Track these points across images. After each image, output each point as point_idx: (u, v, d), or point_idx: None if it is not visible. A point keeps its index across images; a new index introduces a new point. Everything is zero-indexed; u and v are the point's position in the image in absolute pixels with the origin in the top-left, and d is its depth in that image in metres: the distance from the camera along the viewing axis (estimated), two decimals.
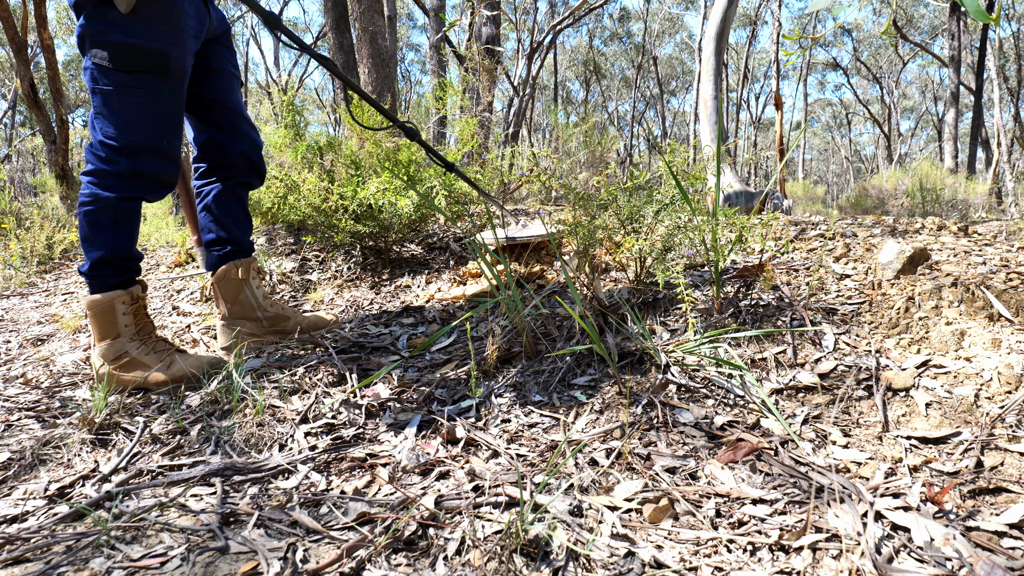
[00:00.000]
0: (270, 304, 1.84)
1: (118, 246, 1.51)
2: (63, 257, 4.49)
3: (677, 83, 30.22)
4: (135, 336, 1.56)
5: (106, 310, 1.51)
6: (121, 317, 1.53)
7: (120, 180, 1.48)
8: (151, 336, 1.60)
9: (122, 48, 1.38)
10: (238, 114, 1.72)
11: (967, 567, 0.75)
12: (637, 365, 1.37)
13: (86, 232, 1.50)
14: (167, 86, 1.46)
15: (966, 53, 16.20)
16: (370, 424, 1.27)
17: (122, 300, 1.53)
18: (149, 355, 1.55)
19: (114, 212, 1.49)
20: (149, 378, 1.53)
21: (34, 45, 14.35)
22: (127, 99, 1.43)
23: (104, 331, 1.53)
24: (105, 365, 1.52)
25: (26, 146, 17.29)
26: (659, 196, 1.64)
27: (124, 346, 1.54)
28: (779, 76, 7.60)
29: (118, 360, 1.53)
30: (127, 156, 1.46)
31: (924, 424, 1.10)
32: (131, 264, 1.56)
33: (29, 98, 6.50)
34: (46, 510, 1.01)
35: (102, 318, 1.52)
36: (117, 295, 1.52)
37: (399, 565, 0.82)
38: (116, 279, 1.53)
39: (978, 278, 1.46)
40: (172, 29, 1.43)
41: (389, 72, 4.63)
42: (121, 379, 1.53)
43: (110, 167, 1.47)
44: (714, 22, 5.18)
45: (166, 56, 1.42)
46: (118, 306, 1.52)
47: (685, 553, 0.82)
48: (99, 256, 1.50)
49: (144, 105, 1.44)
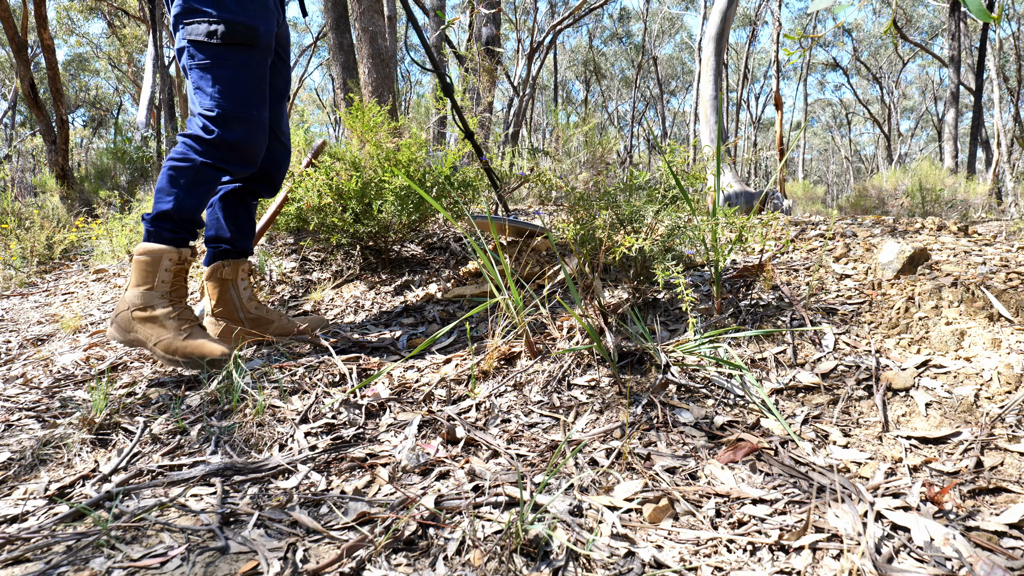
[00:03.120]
0: (255, 306, 1.86)
1: (185, 206, 1.59)
2: (63, 257, 4.49)
3: (677, 83, 30.21)
4: (166, 295, 1.61)
5: (152, 259, 1.58)
6: (162, 272, 1.59)
7: (211, 148, 1.57)
8: (181, 302, 1.65)
9: (217, 23, 1.52)
10: (274, 129, 1.81)
11: (967, 567, 0.75)
12: (637, 365, 1.37)
13: (163, 184, 1.59)
14: (255, 58, 1.58)
15: (966, 53, 16.20)
16: (370, 424, 1.27)
17: (169, 256, 1.59)
18: (170, 320, 1.59)
19: (196, 175, 1.58)
20: (160, 342, 1.56)
21: (34, 45, 14.34)
22: (220, 71, 1.55)
23: (142, 278, 1.58)
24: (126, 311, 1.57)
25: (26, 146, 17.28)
26: (659, 196, 1.64)
27: (153, 299, 1.59)
28: (779, 76, 7.60)
29: (143, 310, 1.58)
30: (220, 126, 1.56)
31: (924, 424, 1.10)
32: (190, 227, 1.63)
33: (29, 98, 6.49)
34: (46, 510, 1.01)
35: (145, 266, 1.58)
36: (167, 250, 1.59)
37: (399, 565, 0.82)
38: (172, 235, 1.60)
39: (978, 278, 1.46)
40: (259, 7, 1.57)
41: (389, 72, 4.62)
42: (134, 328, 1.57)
43: (205, 135, 1.57)
44: (714, 22, 5.18)
45: (255, 29, 1.55)
46: (164, 260, 1.59)
47: (685, 553, 0.82)
48: (165, 209, 1.58)
49: (235, 76, 1.56)
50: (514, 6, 12.33)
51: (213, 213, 1.82)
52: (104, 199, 6.61)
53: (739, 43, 25.45)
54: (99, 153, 8.93)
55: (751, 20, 21.49)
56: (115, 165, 7.97)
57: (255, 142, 1.62)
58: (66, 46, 22.42)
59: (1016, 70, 18.23)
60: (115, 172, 7.92)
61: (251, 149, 1.62)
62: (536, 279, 1.89)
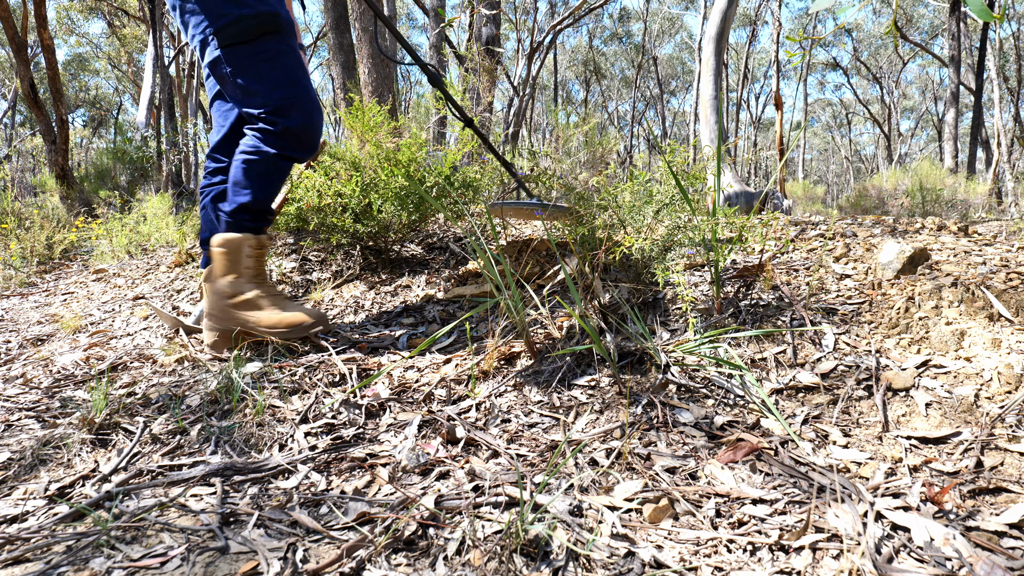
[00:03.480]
0: None
1: (261, 196, 1.65)
2: (63, 257, 4.49)
3: (677, 83, 30.21)
4: (252, 279, 1.67)
5: (234, 248, 1.64)
6: (245, 258, 1.65)
7: (278, 138, 1.62)
8: (265, 281, 1.71)
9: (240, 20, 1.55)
10: None
11: (967, 567, 0.75)
12: (637, 365, 1.37)
13: (238, 178, 1.64)
14: (285, 42, 1.62)
15: (966, 53, 16.20)
16: (370, 424, 1.27)
17: (249, 243, 1.66)
18: (262, 299, 1.65)
19: (269, 166, 1.63)
20: (261, 319, 1.62)
21: (34, 45, 14.34)
22: (260, 66, 1.59)
23: (227, 267, 1.64)
24: (219, 301, 1.63)
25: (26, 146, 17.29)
26: (659, 196, 1.64)
27: (242, 285, 1.65)
28: (779, 76, 7.60)
29: (235, 297, 1.64)
30: (280, 116, 1.60)
31: (924, 424, 1.10)
32: (266, 215, 1.69)
33: (29, 98, 6.50)
34: (46, 510, 1.01)
35: (229, 255, 1.64)
36: (246, 237, 1.65)
37: (399, 565, 0.82)
38: (251, 224, 1.66)
39: (978, 278, 1.46)
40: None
41: (389, 72, 4.62)
42: (233, 316, 1.63)
43: (272, 127, 1.61)
44: (714, 22, 5.18)
45: (276, 14, 1.58)
46: (245, 247, 1.65)
47: (685, 553, 0.82)
48: (243, 202, 1.64)
49: (273, 66, 1.60)
50: (514, 6, 12.33)
51: (207, 215, 1.82)
52: (104, 199, 6.61)
53: (739, 43, 25.45)
54: (99, 153, 8.93)
55: (751, 20, 21.49)
56: (115, 165, 7.97)
57: (314, 122, 1.66)
58: (66, 46, 22.42)
59: (1016, 70, 18.23)
60: (115, 172, 7.93)
61: (312, 130, 1.66)
62: (536, 279, 1.89)
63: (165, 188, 8.02)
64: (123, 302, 2.84)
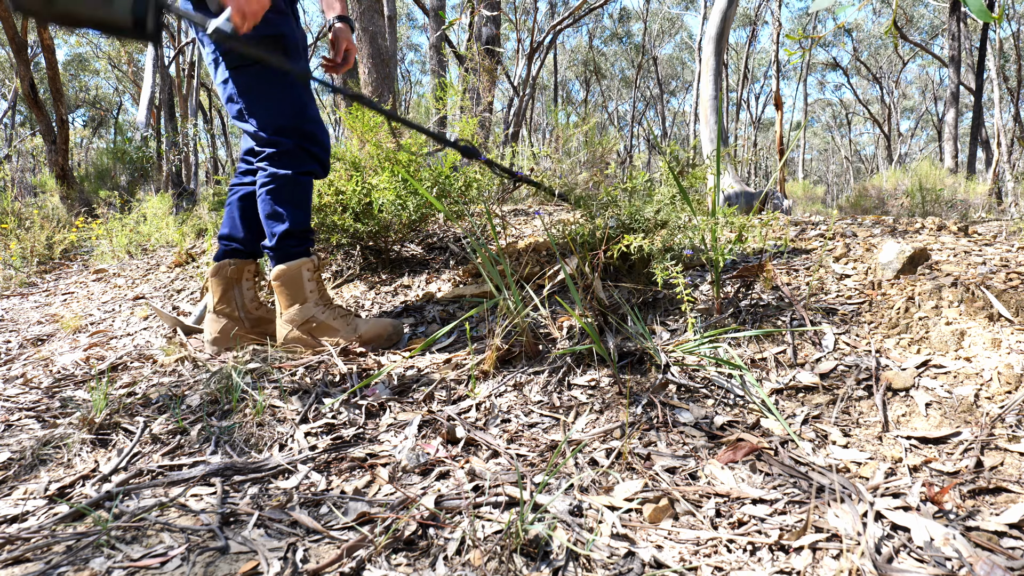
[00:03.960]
0: (256, 307, 1.87)
1: (298, 218, 1.64)
2: (63, 257, 4.49)
3: (677, 83, 30.21)
4: (319, 302, 1.68)
5: (294, 277, 1.64)
6: (307, 283, 1.65)
7: (291, 158, 1.62)
8: (331, 302, 1.71)
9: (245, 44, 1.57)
10: None
11: (967, 567, 0.75)
12: (637, 365, 1.37)
13: (269, 209, 1.64)
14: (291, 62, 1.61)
15: (966, 53, 16.20)
16: (370, 424, 1.27)
17: (307, 267, 1.65)
18: (336, 319, 1.66)
19: (292, 187, 1.63)
20: (339, 342, 1.63)
21: (34, 45, 14.34)
22: (265, 86, 1.60)
23: (293, 297, 1.64)
24: (294, 330, 1.63)
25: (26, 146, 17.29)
26: (659, 196, 1.64)
27: (311, 311, 1.65)
28: (779, 76, 7.60)
29: (307, 324, 1.64)
30: (287, 135, 1.61)
31: (924, 424, 1.10)
32: (309, 235, 1.69)
33: (29, 98, 6.50)
34: (46, 510, 1.01)
35: (290, 285, 1.64)
36: (302, 262, 1.65)
37: (399, 565, 0.82)
38: (298, 248, 1.66)
39: (978, 278, 1.46)
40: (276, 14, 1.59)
41: (389, 72, 4.63)
42: (311, 343, 1.63)
43: (278, 148, 1.61)
44: (714, 22, 5.18)
45: (282, 36, 1.59)
46: (304, 272, 1.65)
47: (685, 553, 0.82)
48: (283, 229, 1.63)
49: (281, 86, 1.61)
50: (514, 6, 12.33)
51: (230, 212, 1.84)
52: (104, 199, 6.61)
53: (739, 43, 25.45)
54: (99, 153, 8.93)
55: (751, 20, 21.49)
56: (115, 165, 7.97)
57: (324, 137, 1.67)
58: (66, 46, 22.42)
59: (1016, 70, 18.23)
60: (115, 172, 7.93)
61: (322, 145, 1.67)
62: (536, 279, 1.89)
63: (165, 188, 8.02)
64: (123, 302, 2.84)
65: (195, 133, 10.86)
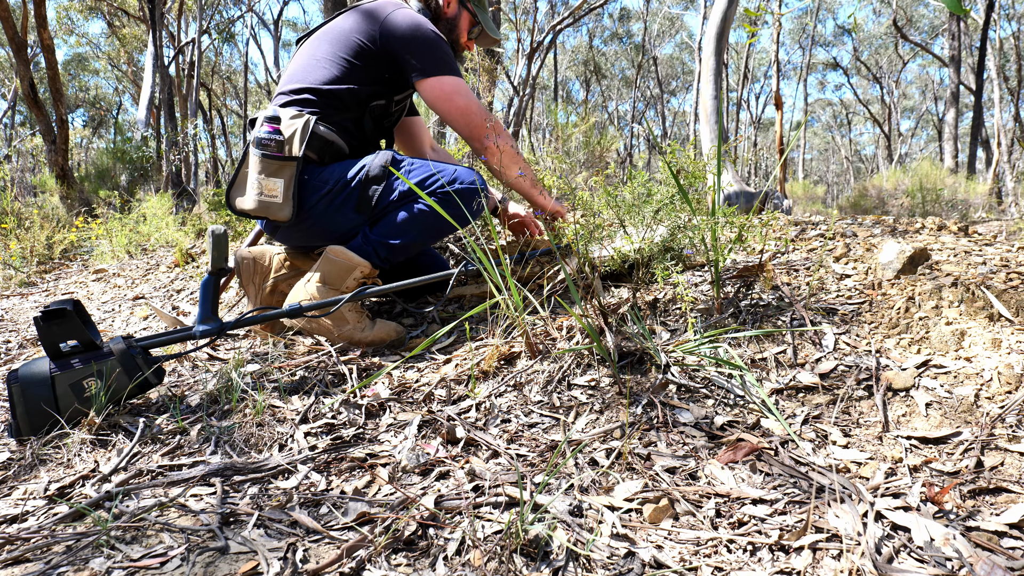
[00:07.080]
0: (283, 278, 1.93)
1: (396, 257, 1.75)
2: (63, 257, 4.49)
3: (677, 83, 30.21)
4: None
5: (346, 266, 1.69)
6: (350, 280, 1.70)
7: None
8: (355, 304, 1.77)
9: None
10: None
11: (967, 567, 0.75)
12: (637, 365, 1.37)
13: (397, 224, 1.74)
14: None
15: (966, 53, 16.19)
16: (370, 424, 1.27)
17: (361, 269, 1.70)
18: (352, 311, 1.71)
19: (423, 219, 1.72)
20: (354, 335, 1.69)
21: (34, 45, 14.34)
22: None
23: (330, 278, 1.69)
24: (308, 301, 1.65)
25: (26, 146, 17.29)
26: (659, 196, 1.64)
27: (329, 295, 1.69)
28: (779, 76, 7.60)
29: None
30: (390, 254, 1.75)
31: (924, 424, 1.10)
32: (386, 264, 1.75)
33: (29, 98, 6.50)
34: (46, 510, 1.01)
35: (338, 269, 1.69)
36: (362, 264, 1.70)
37: (399, 565, 0.82)
38: (377, 258, 1.72)
39: (978, 278, 1.46)
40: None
41: None
42: (321, 323, 1.68)
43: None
44: (714, 22, 5.18)
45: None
46: (356, 273, 1.70)
47: (685, 553, 0.82)
48: (394, 243, 1.73)
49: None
50: (514, 6, 12.32)
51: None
52: (104, 199, 6.61)
53: (739, 43, 25.44)
54: (99, 153, 8.93)
55: (751, 20, 21.47)
56: (115, 165, 7.97)
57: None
58: (66, 46, 22.41)
59: (1016, 70, 18.23)
60: (115, 172, 7.93)
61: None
62: (536, 279, 1.89)
63: (165, 188, 8.02)
64: (123, 302, 2.84)
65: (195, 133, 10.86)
